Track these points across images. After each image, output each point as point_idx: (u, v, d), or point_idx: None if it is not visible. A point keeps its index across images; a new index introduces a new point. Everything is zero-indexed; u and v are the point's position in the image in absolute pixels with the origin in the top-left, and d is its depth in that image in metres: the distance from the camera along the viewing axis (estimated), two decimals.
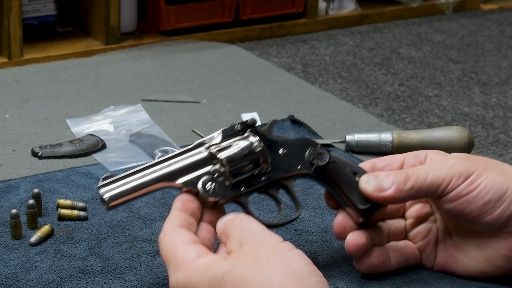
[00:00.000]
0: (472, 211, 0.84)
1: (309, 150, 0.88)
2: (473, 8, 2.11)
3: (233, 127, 0.87)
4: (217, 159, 0.84)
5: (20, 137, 1.23)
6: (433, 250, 0.91)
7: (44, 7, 1.63)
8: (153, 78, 1.51)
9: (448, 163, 0.85)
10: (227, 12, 1.76)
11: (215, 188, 0.83)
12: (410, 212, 0.92)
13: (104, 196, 0.81)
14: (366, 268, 0.88)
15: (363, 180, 0.86)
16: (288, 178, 0.87)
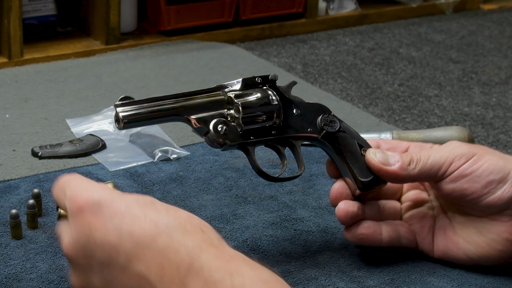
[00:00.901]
0: (475, 191, 0.85)
1: (322, 115, 0.90)
2: (473, 8, 2.11)
3: (254, 78, 0.89)
4: (233, 104, 0.86)
5: (20, 137, 1.23)
6: (429, 234, 0.91)
7: (44, 7, 1.63)
8: (153, 78, 1.51)
9: (449, 146, 0.87)
10: (227, 12, 1.76)
11: (226, 130, 0.85)
12: (407, 196, 0.93)
13: (120, 114, 0.82)
14: (354, 237, 0.90)
15: (371, 151, 0.88)
16: (297, 138, 0.89)
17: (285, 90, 0.90)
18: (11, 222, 0.94)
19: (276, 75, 0.90)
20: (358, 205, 0.89)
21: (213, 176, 1.12)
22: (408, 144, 0.92)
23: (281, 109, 0.88)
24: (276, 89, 0.89)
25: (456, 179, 0.86)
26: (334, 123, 0.90)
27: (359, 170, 0.89)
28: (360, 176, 0.89)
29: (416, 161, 0.86)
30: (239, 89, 0.87)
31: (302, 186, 1.10)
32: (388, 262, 0.93)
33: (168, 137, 1.23)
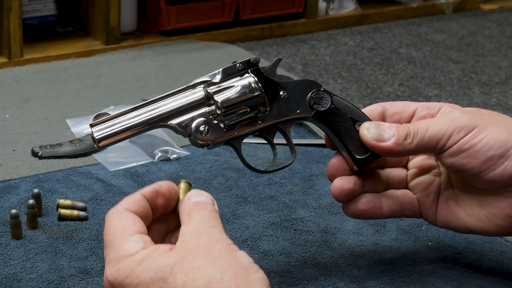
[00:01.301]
0: (473, 167, 0.82)
1: (311, 93, 0.86)
2: (473, 8, 2.11)
3: (235, 65, 0.85)
4: (213, 100, 0.82)
5: (20, 137, 1.23)
6: (434, 203, 0.88)
7: (44, 7, 1.63)
8: (153, 78, 1.51)
9: (450, 117, 0.83)
10: (227, 12, 1.76)
11: (209, 130, 0.82)
12: (413, 162, 0.89)
13: (95, 135, 0.79)
14: (352, 213, 0.87)
15: (364, 127, 0.84)
16: (286, 122, 0.85)
17: (270, 71, 0.85)
18: (11, 222, 0.94)
19: (258, 58, 0.85)
20: (355, 180, 0.86)
21: (213, 176, 1.12)
22: (416, 106, 0.87)
23: (265, 96, 0.84)
24: (260, 73, 0.85)
25: (455, 154, 0.82)
26: (324, 99, 0.86)
27: (355, 147, 0.85)
28: (356, 153, 0.85)
29: (413, 135, 0.82)
30: (219, 81, 0.84)
31: (302, 186, 1.10)
32: (388, 262, 0.93)
33: (168, 137, 1.23)
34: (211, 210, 0.72)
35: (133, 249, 0.69)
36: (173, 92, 0.83)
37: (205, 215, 0.71)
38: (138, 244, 0.69)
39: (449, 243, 0.98)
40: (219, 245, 0.69)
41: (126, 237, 0.70)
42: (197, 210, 0.72)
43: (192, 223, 0.71)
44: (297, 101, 0.85)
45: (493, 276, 0.91)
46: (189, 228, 0.71)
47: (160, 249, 0.69)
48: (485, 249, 0.97)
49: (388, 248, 0.96)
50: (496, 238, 0.99)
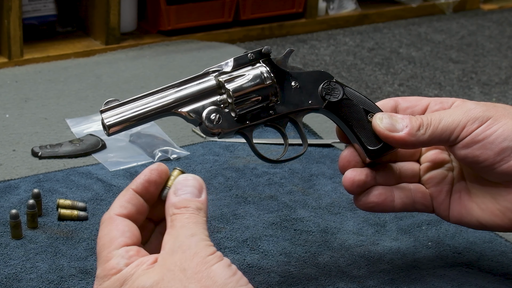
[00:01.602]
0: (487, 158, 0.80)
1: (323, 84, 0.85)
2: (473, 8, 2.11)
3: (246, 55, 0.84)
4: (224, 89, 0.81)
5: (20, 137, 1.23)
6: (447, 198, 0.87)
7: (44, 7, 1.63)
8: (153, 78, 1.51)
9: (464, 108, 0.82)
10: (227, 12, 1.76)
11: (220, 118, 0.81)
12: (426, 156, 0.88)
13: (105, 121, 0.79)
14: (363, 205, 0.86)
15: (377, 117, 0.83)
16: (298, 112, 0.85)
17: (282, 61, 0.85)
18: (11, 222, 0.94)
19: (269, 48, 0.85)
20: (367, 172, 0.85)
21: (213, 176, 1.12)
22: (429, 101, 0.86)
23: (277, 86, 0.83)
24: (271, 63, 0.84)
25: (468, 145, 0.81)
26: (336, 90, 0.85)
27: (367, 138, 0.84)
28: (368, 144, 0.84)
29: (426, 126, 0.81)
30: (230, 71, 0.83)
31: (302, 186, 1.10)
32: (388, 262, 0.93)
33: (168, 137, 1.23)
34: (193, 211, 0.71)
35: (116, 265, 0.69)
36: (184, 81, 0.82)
37: (185, 221, 0.70)
38: (122, 260, 0.70)
39: (449, 243, 0.98)
40: (195, 261, 0.68)
41: (112, 251, 0.70)
42: (178, 214, 0.71)
43: (173, 232, 0.70)
44: (309, 91, 0.85)
45: (493, 276, 0.91)
46: (169, 238, 0.70)
47: (142, 264, 0.69)
48: (485, 249, 0.97)
49: (388, 248, 0.96)
50: (496, 238, 0.99)
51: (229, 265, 0.69)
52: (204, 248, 0.69)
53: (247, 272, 0.90)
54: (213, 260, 0.68)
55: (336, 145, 1.23)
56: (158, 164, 0.74)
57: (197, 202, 0.72)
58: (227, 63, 0.84)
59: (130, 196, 0.74)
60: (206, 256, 0.68)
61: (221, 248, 0.95)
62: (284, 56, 0.85)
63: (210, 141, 1.23)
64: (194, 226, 0.70)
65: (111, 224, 0.72)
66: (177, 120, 1.32)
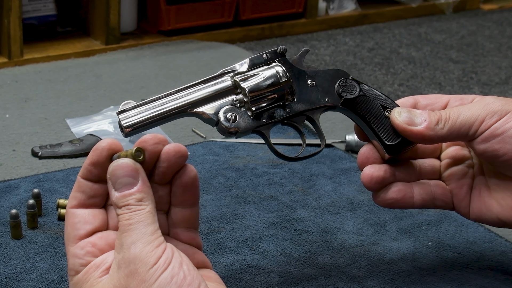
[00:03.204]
0: (507, 152, 0.80)
1: (339, 82, 0.85)
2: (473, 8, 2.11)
3: (262, 55, 0.85)
4: (240, 88, 0.82)
5: (20, 137, 1.23)
6: (467, 195, 0.86)
7: (44, 7, 1.63)
8: (153, 78, 1.51)
9: (482, 103, 0.81)
10: (227, 12, 1.76)
11: (237, 117, 0.81)
12: (447, 153, 0.88)
13: (123, 122, 0.79)
14: (382, 202, 0.85)
15: (396, 111, 0.83)
16: (314, 110, 0.85)
17: (297, 61, 0.86)
18: (11, 222, 0.94)
19: (285, 48, 0.86)
20: (386, 168, 0.84)
21: (213, 176, 1.12)
22: (449, 98, 0.86)
23: (293, 84, 0.84)
24: (287, 62, 0.85)
25: (487, 139, 0.80)
26: (353, 87, 0.85)
27: (385, 134, 0.84)
28: (387, 139, 0.84)
29: (444, 120, 0.81)
30: (246, 71, 0.83)
31: (302, 186, 1.10)
32: (388, 262, 0.93)
33: (168, 137, 1.23)
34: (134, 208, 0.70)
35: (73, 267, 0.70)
36: (200, 81, 0.83)
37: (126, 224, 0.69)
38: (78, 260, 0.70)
39: (449, 243, 0.98)
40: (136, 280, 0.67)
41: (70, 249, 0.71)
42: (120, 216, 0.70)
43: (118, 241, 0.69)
44: (325, 89, 0.85)
45: (493, 276, 0.91)
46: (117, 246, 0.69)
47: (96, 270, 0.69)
48: (485, 249, 0.97)
49: (388, 248, 0.96)
50: (496, 238, 0.99)
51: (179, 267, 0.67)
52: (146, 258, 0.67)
53: (247, 272, 0.90)
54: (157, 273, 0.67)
55: (336, 145, 1.23)
56: (97, 144, 0.73)
57: (136, 193, 0.70)
58: (242, 64, 0.84)
59: (78, 184, 0.73)
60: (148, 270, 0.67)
61: (221, 248, 0.95)
62: (300, 55, 0.87)
63: (210, 141, 1.23)
64: (135, 230, 0.68)
65: (66, 220, 0.72)
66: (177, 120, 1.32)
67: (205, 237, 0.97)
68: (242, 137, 0.84)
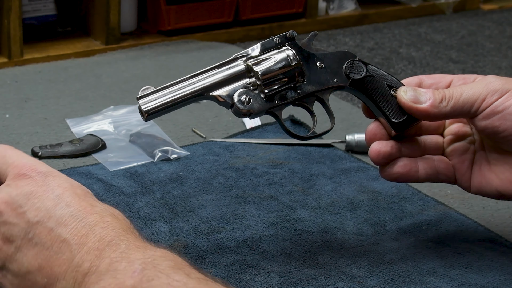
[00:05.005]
0: (506, 128, 0.84)
1: (346, 63, 0.90)
2: (473, 8, 2.11)
3: (272, 39, 0.89)
4: (253, 72, 0.86)
5: (20, 137, 1.23)
6: (468, 169, 0.91)
7: (44, 7, 1.63)
8: (153, 78, 1.51)
9: (484, 81, 0.86)
10: (227, 12, 1.76)
11: (250, 100, 0.86)
12: (450, 129, 0.92)
13: (143, 107, 0.85)
14: (388, 176, 0.90)
15: (402, 90, 0.87)
16: (324, 91, 0.89)
17: (306, 44, 0.90)
18: None
19: (294, 32, 0.90)
20: (392, 144, 0.89)
21: (213, 176, 1.12)
22: (452, 78, 0.90)
23: (303, 67, 0.88)
24: (296, 46, 0.89)
25: (488, 116, 0.85)
26: (360, 68, 0.89)
27: (391, 112, 0.88)
28: (393, 117, 0.88)
29: (448, 98, 0.85)
30: (258, 55, 0.88)
31: (302, 186, 1.10)
32: (388, 262, 0.93)
33: (168, 137, 1.23)
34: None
35: None
36: (214, 67, 0.87)
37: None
38: None
39: (449, 243, 0.98)
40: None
41: None
42: None
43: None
44: (334, 71, 0.89)
45: (493, 276, 0.91)
46: None
47: None
48: (485, 249, 0.97)
49: (388, 248, 0.96)
50: (496, 238, 0.99)
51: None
52: None
53: (247, 272, 0.90)
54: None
55: (336, 145, 1.23)
56: None
57: None
58: (254, 48, 0.88)
59: None
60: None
61: (221, 248, 0.95)
62: (309, 39, 0.91)
63: (210, 141, 1.23)
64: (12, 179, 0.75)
65: None
66: (177, 120, 1.32)
67: (205, 237, 0.97)
68: (255, 117, 0.88)
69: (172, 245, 0.95)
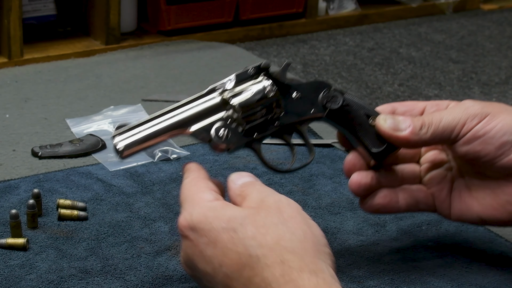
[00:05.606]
0: (488, 153, 0.83)
1: (323, 93, 0.87)
2: (473, 8, 2.11)
3: (247, 71, 0.86)
4: (230, 105, 0.84)
5: (20, 137, 1.23)
6: (447, 197, 0.89)
7: (44, 7, 1.63)
8: (153, 78, 1.51)
9: (462, 106, 0.85)
10: (227, 12, 1.76)
11: (228, 134, 0.83)
12: (426, 157, 0.91)
13: (117, 146, 0.81)
14: (369, 208, 0.88)
15: (381, 118, 0.86)
16: (302, 122, 0.87)
17: (280, 74, 0.87)
18: (11, 222, 0.94)
19: (268, 62, 0.87)
20: (372, 175, 0.87)
21: (213, 176, 1.11)
22: (425, 104, 0.89)
23: (280, 97, 0.85)
24: (271, 76, 0.86)
25: (469, 141, 0.83)
26: (336, 98, 0.87)
27: (370, 141, 0.86)
28: (372, 147, 0.86)
29: (428, 125, 0.84)
30: (233, 86, 0.85)
31: (302, 186, 1.10)
32: (388, 262, 0.93)
33: None
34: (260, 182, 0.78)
35: (206, 197, 0.75)
36: (188, 101, 0.84)
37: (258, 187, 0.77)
38: (212, 195, 0.76)
39: (449, 243, 0.98)
40: (290, 209, 0.74)
41: (201, 191, 0.76)
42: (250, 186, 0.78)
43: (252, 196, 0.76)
44: (310, 101, 0.87)
45: (493, 276, 0.91)
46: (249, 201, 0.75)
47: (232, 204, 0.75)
48: (485, 249, 0.97)
49: (388, 248, 0.96)
50: (496, 238, 0.99)
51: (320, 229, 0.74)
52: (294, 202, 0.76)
53: None
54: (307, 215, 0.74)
55: (336, 145, 1.23)
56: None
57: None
58: (229, 80, 0.85)
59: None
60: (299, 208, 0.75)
61: None
62: (282, 69, 0.87)
63: None
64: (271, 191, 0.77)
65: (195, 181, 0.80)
66: None
67: None
68: (233, 152, 0.85)
69: (172, 245, 0.95)
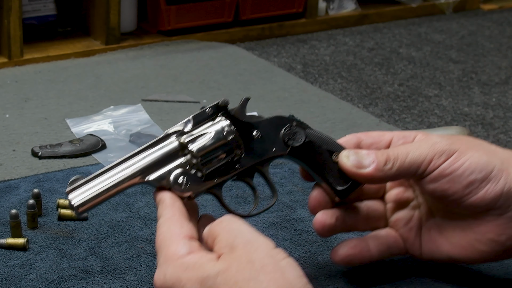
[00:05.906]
0: (456, 191, 0.80)
1: (284, 129, 0.83)
2: (473, 8, 2.11)
3: (204, 111, 0.82)
4: (188, 150, 0.80)
5: (20, 137, 1.23)
6: (417, 237, 0.87)
7: (44, 7, 1.63)
8: (153, 78, 1.51)
9: (429, 142, 0.81)
10: (227, 12, 1.76)
11: (188, 181, 0.79)
12: (390, 195, 0.88)
13: (72, 202, 0.77)
14: (341, 259, 0.85)
15: (343, 155, 0.82)
16: (263, 162, 0.83)
17: (239, 112, 0.83)
18: (11, 222, 0.94)
19: (226, 100, 0.82)
20: (337, 215, 0.84)
21: None
22: (392, 136, 0.85)
23: (240, 139, 0.81)
24: (230, 116, 0.82)
25: (436, 179, 0.80)
26: (298, 134, 0.83)
27: (334, 179, 0.83)
28: (336, 184, 0.83)
29: (393, 160, 0.80)
30: (191, 129, 0.81)
31: (302, 186, 1.10)
32: (388, 262, 0.93)
33: None
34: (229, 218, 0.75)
35: (179, 252, 0.72)
36: (146, 147, 0.80)
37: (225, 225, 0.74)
38: (184, 247, 0.73)
39: None
40: (260, 254, 0.70)
41: (174, 241, 0.73)
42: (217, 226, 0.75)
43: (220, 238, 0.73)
44: (271, 139, 0.83)
45: (493, 276, 0.91)
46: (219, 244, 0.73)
47: (205, 256, 0.72)
48: None
49: None
50: None
51: (297, 266, 0.70)
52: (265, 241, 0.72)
53: None
54: (279, 256, 0.70)
55: None
56: None
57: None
58: (186, 122, 0.82)
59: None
60: (270, 250, 0.71)
61: None
62: (241, 105, 0.83)
63: None
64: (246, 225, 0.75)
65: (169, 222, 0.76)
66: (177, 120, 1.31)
67: None
68: (195, 198, 0.82)
69: None
